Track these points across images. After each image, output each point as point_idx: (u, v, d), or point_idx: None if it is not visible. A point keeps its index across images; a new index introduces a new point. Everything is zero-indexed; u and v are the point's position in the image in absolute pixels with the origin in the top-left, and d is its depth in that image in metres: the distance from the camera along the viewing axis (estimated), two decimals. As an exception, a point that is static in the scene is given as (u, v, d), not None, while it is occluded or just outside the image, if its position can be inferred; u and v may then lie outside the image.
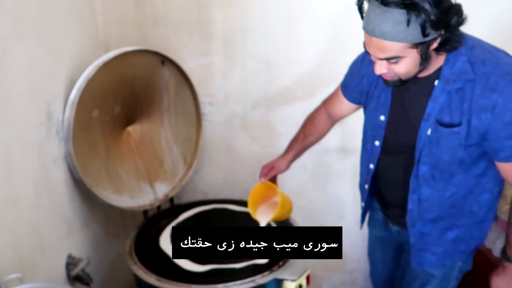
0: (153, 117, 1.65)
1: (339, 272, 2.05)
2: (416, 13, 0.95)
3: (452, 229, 1.24)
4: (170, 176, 1.71)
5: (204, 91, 1.76)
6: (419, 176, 1.19)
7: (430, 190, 1.20)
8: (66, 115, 1.30)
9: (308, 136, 1.45)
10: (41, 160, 1.19)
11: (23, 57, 1.09)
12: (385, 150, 1.26)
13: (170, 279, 1.24)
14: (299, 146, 1.45)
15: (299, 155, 1.47)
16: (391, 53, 1.02)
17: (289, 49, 1.73)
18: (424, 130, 1.14)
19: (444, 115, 1.11)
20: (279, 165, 1.41)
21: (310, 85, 1.77)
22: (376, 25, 0.99)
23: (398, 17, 0.96)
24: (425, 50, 1.03)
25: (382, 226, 1.43)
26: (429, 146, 1.14)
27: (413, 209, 1.23)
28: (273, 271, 1.26)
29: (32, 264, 1.15)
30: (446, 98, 1.10)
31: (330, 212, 1.96)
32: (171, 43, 1.70)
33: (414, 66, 1.06)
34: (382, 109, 1.23)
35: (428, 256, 1.28)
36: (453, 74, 1.08)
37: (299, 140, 1.45)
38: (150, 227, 1.51)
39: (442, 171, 1.17)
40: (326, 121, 1.46)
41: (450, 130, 1.10)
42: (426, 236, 1.26)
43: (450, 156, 1.14)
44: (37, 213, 1.17)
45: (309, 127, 1.46)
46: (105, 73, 1.38)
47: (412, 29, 0.97)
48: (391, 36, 0.99)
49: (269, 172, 1.40)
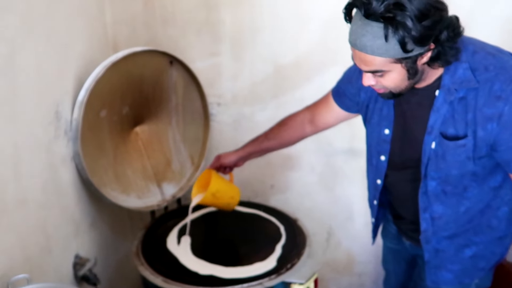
0: (161, 117, 1.65)
1: (347, 275, 2.03)
2: (393, 29, 0.89)
3: (469, 246, 1.17)
4: (178, 176, 1.70)
5: (212, 91, 1.75)
6: (429, 192, 1.12)
7: (443, 207, 1.13)
8: (74, 115, 1.30)
9: (270, 140, 1.40)
10: (49, 160, 1.19)
11: (32, 57, 1.09)
12: (392, 165, 1.19)
13: (177, 280, 1.23)
14: (256, 147, 1.42)
15: (254, 156, 1.45)
16: (374, 67, 0.97)
17: (298, 50, 1.72)
18: (428, 144, 1.07)
19: (448, 127, 1.04)
20: (225, 157, 1.45)
21: (319, 86, 1.75)
22: (357, 38, 0.95)
23: (377, 31, 0.91)
24: (412, 65, 0.97)
25: (395, 239, 1.37)
26: (435, 160, 1.08)
27: (427, 228, 1.17)
28: (280, 274, 1.25)
29: (40, 264, 1.15)
30: (448, 109, 1.03)
31: (338, 214, 1.95)
32: (180, 43, 1.69)
33: (401, 80, 1.00)
34: (385, 122, 1.16)
35: (444, 274, 1.21)
36: (454, 83, 1.01)
37: (258, 141, 1.42)
38: (157, 228, 1.51)
39: (454, 186, 1.10)
40: (299, 129, 1.38)
41: (455, 143, 1.04)
42: (442, 253, 1.19)
43: (458, 170, 1.07)
44: (45, 213, 1.17)
45: (275, 131, 1.40)
46: (114, 73, 1.37)
47: (392, 44, 0.91)
48: (372, 50, 0.94)
49: (215, 161, 1.45)
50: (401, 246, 1.36)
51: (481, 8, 1.57)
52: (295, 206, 1.86)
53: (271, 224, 1.51)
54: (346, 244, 1.99)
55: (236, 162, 1.46)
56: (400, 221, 1.30)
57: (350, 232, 1.97)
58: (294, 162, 1.84)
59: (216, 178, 1.39)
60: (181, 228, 1.49)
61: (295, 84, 1.76)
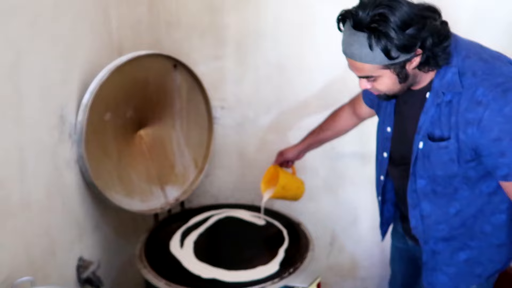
0: (165, 120, 1.66)
1: (350, 279, 2.03)
2: (376, 39, 0.95)
3: (464, 250, 1.19)
4: (181, 180, 1.71)
5: (216, 95, 1.76)
6: (418, 190, 1.15)
7: (431, 206, 1.16)
8: (79, 118, 1.31)
9: (325, 131, 1.50)
10: (54, 163, 1.20)
11: (38, 61, 1.10)
12: (392, 162, 1.24)
13: (179, 284, 1.23)
14: (313, 139, 1.52)
15: (313, 147, 1.56)
16: (365, 73, 1.03)
17: (302, 54, 1.72)
18: (416, 143, 1.11)
19: (435, 128, 1.08)
20: (287, 152, 1.56)
21: (323, 90, 1.75)
22: (347, 47, 1.01)
23: (363, 40, 0.97)
24: (400, 70, 1.02)
25: (402, 238, 1.39)
26: (422, 159, 1.11)
27: (417, 226, 1.20)
28: (283, 278, 1.25)
29: (44, 266, 1.15)
30: (436, 110, 1.07)
31: (342, 218, 1.94)
32: (184, 47, 1.70)
33: (393, 84, 1.05)
34: (388, 120, 1.21)
35: (440, 276, 1.23)
36: (442, 87, 1.05)
37: (315, 133, 1.52)
38: (160, 231, 1.51)
39: (443, 186, 1.13)
40: (349, 119, 1.47)
41: (437, 144, 1.07)
42: (438, 255, 1.21)
43: (443, 171, 1.10)
44: (49, 215, 1.18)
45: (328, 122, 1.50)
46: (118, 77, 1.38)
47: (377, 52, 0.97)
48: (360, 58, 1.00)
49: (279, 157, 1.57)
50: (407, 245, 1.37)
51: (484, 11, 1.57)
52: (298, 209, 1.86)
53: (274, 227, 1.51)
54: (349, 248, 1.98)
55: (298, 155, 1.57)
56: (404, 220, 1.32)
57: (353, 236, 1.96)
58: (298, 165, 1.83)
59: (283, 172, 1.52)
60: (184, 231, 1.49)
61: (299, 88, 1.76)
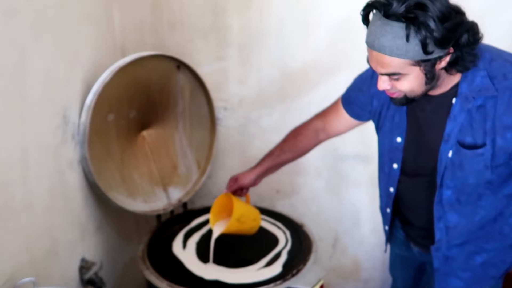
0: (168, 121, 1.66)
1: (353, 281, 2.02)
2: (416, 28, 0.88)
3: (480, 253, 1.16)
4: (184, 181, 1.71)
5: (219, 96, 1.76)
6: (443, 201, 1.11)
7: (458, 216, 1.12)
8: (82, 119, 1.31)
9: (285, 152, 1.36)
10: (57, 164, 1.20)
11: (41, 62, 1.10)
12: (405, 173, 1.18)
13: (182, 285, 1.23)
14: (272, 162, 1.37)
15: (271, 171, 1.40)
16: (391, 69, 0.96)
17: (305, 54, 1.72)
18: (445, 153, 1.06)
19: (465, 135, 1.03)
20: (243, 178, 1.36)
21: (326, 92, 1.75)
22: (375, 38, 0.93)
23: (398, 31, 0.90)
24: (430, 68, 0.96)
25: (403, 245, 1.35)
26: (452, 169, 1.06)
27: (441, 238, 1.15)
28: (286, 279, 1.24)
29: (46, 267, 1.15)
30: (466, 117, 1.02)
31: (344, 220, 1.94)
32: (187, 48, 1.70)
33: (419, 85, 0.99)
34: (397, 130, 1.15)
35: (454, 281, 1.19)
36: (472, 91, 1.00)
37: (274, 155, 1.37)
38: (163, 232, 1.51)
39: (468, 194, 1.09)
40: (312, 138, 1.36)
41: (473, 152, 1.02)
42: (452, 260, 1.18)
43: (476, 179, 1.06)
44: (51, 216, 1.18)
45: (289, 142, 1.36)
46: (121, 78, 1.38)
47: (413, 45, 0.90)
48: (390, 51, 0.92)
49: (233, 184, 1.37)
50: (409, 252, 1.34)
51: (490, 13, 1.56)
52: (301, 211, 1.86)
53: (277, 229, 1.51)
54: (352, 250, 1.98)
55: (255, 181, 1.39)
56: (408, 227, 1.29)
57: (356, 238, 1.96)
58: (300, 167, 1.83)
59: (237, 202, 1.31)
60: (186, 232, 1.49)
61: (302, 89, 1.76)
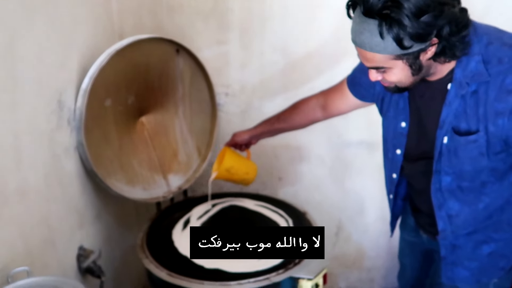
0: (167, 107, 1.62)
1: (356, 270, 2.00)
2: (387, 26, 0.88)
3: (488, 243, 1.13)
4: (184, 168, 1.67)
5: (220, 81, 1.71)
6: (443, 188, 1.08)
7: (459, 204, 1.09)
8: (78, 104, 1.27)
9: (281, 122, 1.42)
10: (52, 150, 1.16)
11: (33, 45, 1.06)
12: (407, 159, 1.17)
13: (181, 274, 1.20)
14: (267, 127, 1.46)
15: (266, 136, 1.50)
16: (375, 63, 0.96)
17: (309, 39, 1.67)
18: (440, 139, 1.04)
19: (460, 121, 1.01)
20: (239, 135, 1.51)
21: (330, 77, 1.69)
22: (356, 35, 0.94)
23: (373, 28, 0.90)
24: (413, 61, 0.94)
25: (413, 231, 1.33)
26: (448, 155, 1.04)
27: (445, 228, 1.13)
28: (288, 269, 1.21)
29: (42, 256, 1.13)
30: (460, 103, 1.00)
31: (348, 208, 1.91)
32: (187, 31, 1.65)
33: (405, 77, 0.98)
34: (402, 115, 1.13)
35: (461, 271, 1.17)
36: (466, 77, 0.98)
37: (270, 123, 1.45)
38: (163, 220, 1.48)
39: (470, 181, 1.06)
40: (311, 114, 1.37)
41: (465, 139, 1.00)
42: (459, 249, 1.15)
43: (472, 166, 1.03)
44: (47, 204, 1.15)
45: (287, 114, 1.41)
46: (118, 62, 1.34)
47: (389, 41, 0.90)
48: (370, 47, 0.93)
49: (231, 139, 1.52)
50: (419, 239, 1.32)
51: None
52: (304, 199, 1.83)
53: (279, 217, 1.48)
54: (356, 238, 1.95)
55: (249, 140, 1.50)
56: (418, 214, 1.27)
57: (360, 226, 1.93)
58: (303, 154, 1.80)
59: (230, 154, 1.46)
60: (186, 220, 1.46)
61: (306, 74, 1.72)
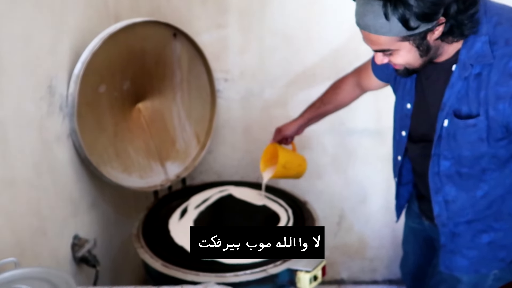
0: (164, 93, 1.57)
1: (358, 259, 1.96)
2: (392, 7, 0.84)
3: (488, 232, 1.10)
4: (183, 155, 1.64)
5: (219, 66, 1.67)
6: (441, 172, 1.05)
7: (456, 189, 1.06)
8: (70, 90, 1.23)
9: (326, 104, 1.40)
10: (42, 138, 1.13)
11: (19, 27, 1.01)
12: (411, 141, 1.14)
13: (177, 265, 1.17)
14: (314, 113, 1.42)
15: (313, 121, 1.46)
16: (381, 46, 0.93)
17: (311, 22, 1.61)
18: (440, 121, 1.01)
19: (462, 104, 0.97)
20: (286, 129, 1.45)
21: (332, 63, 1.65)
22: (360, 17, 0.91)
23: (378, 9, 0.86)
24: (421, 41, 0.91)
25: (417, 217, 1.30)
26: (447, 139, 1.01)
27: (441, 213, 1.10)
28: (286, 260, 1.18)
29: (33, 246, 1.10)
30: (463, 85, 0.96)
31: (350, 197, 1.87)
32: (184, 14, 1.60)
33: (413, 58, 0.95)
34: (408, 97, 1.11)
35: (459, 259, 1.14)
36: (470, 58, 0.94)
37: (315, 107, 1.42)
38: (160, 209, 1.45)
39: (470, 167, 1.03)
40: (351, 92, 1.37)
41: (464, 123, 0.97)
42: (458, 237, 1.13)
43: (470, 151, 1.00)
44: (37, 193, 1.12)
45: (329, 95, 1.39)
46: (112, 46, 1.30)
47: (394, 22, 0.86)
48: (375, 30, 0.89)
49: (277, 134, 1.45)
50: (421, 225, 1.30)
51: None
52: (305, 188, 1.79)
53: (278, 206, 1.44)
54: (358, 228, 1.91)
55: (297, 131, 1.46)
56: (421, 200, 1.25)
57: (363, 216, 1.89)
58: (305, 142, 1.75)
59: (282, 150, 1.42)
60: (184, 209, 1.43)
61: (306, 59, 1.67)
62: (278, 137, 1.46)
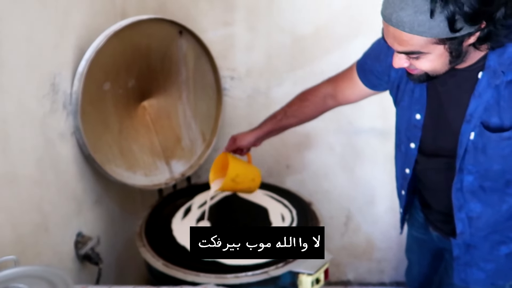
0: (170, 91, 1.56)
1: (366, 261, 1.94)
2: (442, 3, 0.75)
3: (506, 243, 1.04)
4: (188, 154, 1.63)
5: (225, 64, 1.65)
6: (464, 188, 0.99)
7: (482, 205, 1.00)
8: (74, 88, 1.23)
9: (289, 117, 1.28)
10: (45, 135, 1.13)
11: (23, 24, 1.01)
12: (423, 154, 1.06)
13: (178, 265, 1.17)
14: (274, 125, 1.30)
15: (272, 135, 1.34)
16: (411, 48, 0.83)
17: (318, 19, 1.59)
18: (466, 134, 0.93)
19: (491, 115, 0.90)
20: (242, 139, 1.33)
21: (340, 60, 1.61)
22: (393, 11, 0.80)
23: (421, 4, 0.76)
24: (457, 46, 0.82)
25: (422, 228, 1.23)
26: (474, 153, 0.94)
27: (464, 231, 1.03)
28: (288, 262, 1.16)
29: (35, 243, 1.10)
30: (493, 94, 0.89)
31: (358, 198, 1.84)
32: (190, 12, 1.59)
33: (442, 64, 0.86)
34: (417, 106, 1.02)
35: (476, 272, 1.08)
36: (502, 64, 0.87)
37: (276, 119, 1.30)
38: (164, 207, 1.44)
39: (494, 181, 0.97)
40: (321, 105, 1.25)
41: (499, 136, 0.90)
42: (474, 249, 1.06)
43: (501, 165, 0.94)
44: (40, 190, 1.12)
45: (295, 107, 1.27)
46: (117, 44, 1.29)
47: (438, 21, 0.77)
48: (410, 28, 0.79)
49: (232, 144, 1.34)
50: (428, 236, 1.23)
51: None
52: (311, 188, 1.77)
53: (283, 207, 1.42)
54: (365, 229, 1.89)
55: (254, 143, 1.34)
56: (428, 210, 1.18)
57: (370, 217, 1.86)
58: (312, 141, 1.73)
59: (233, 161, 1.27)
60: (188, 208, 1.42)
61: (315, 56, 1.64)
62: (232, 146, 1.33)
